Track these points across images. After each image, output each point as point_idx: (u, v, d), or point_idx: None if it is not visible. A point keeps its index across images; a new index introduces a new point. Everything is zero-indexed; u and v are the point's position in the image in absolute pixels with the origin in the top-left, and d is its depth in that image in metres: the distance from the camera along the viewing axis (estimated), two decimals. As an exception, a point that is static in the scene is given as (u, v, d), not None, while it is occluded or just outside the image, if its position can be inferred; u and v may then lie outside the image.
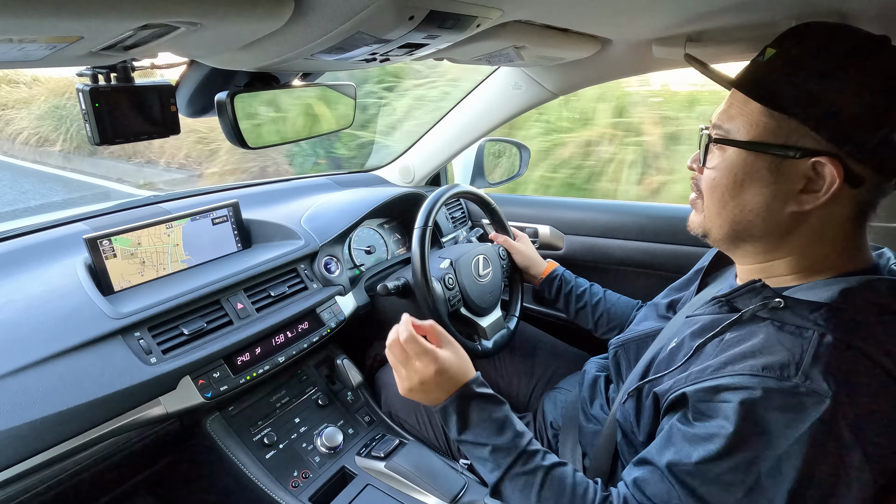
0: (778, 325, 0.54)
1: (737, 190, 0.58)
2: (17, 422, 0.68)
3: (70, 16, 0.37)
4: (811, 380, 0.48)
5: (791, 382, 0.48)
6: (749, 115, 0.56)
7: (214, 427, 0.95)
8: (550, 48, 0.88)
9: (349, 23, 0.54)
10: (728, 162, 0.58)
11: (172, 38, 0.49)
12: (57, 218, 1.06)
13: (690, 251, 1.26)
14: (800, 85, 0.52)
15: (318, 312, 1.10)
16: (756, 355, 0.52)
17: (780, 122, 0.54)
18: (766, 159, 0.55)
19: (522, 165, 1.62)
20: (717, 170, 0.60)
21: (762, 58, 0.56)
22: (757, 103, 0.55)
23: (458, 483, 0.90)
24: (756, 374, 0.50)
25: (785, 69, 0.54)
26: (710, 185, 0.61)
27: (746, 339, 0.55)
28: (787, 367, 0.49)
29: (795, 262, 0.59)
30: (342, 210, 1.29)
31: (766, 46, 0.56)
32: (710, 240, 0.65)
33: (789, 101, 0.53)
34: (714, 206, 0.61)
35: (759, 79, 0.56)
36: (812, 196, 0.54)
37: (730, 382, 0.51)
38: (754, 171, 0.57)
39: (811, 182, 0.54)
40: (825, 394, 0.47)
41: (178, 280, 0.98)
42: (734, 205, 0.59)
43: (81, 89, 0.64)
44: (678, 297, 0.84)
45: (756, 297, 0.59)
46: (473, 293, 1.14)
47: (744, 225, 0.60)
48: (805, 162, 0.53)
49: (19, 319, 0.78)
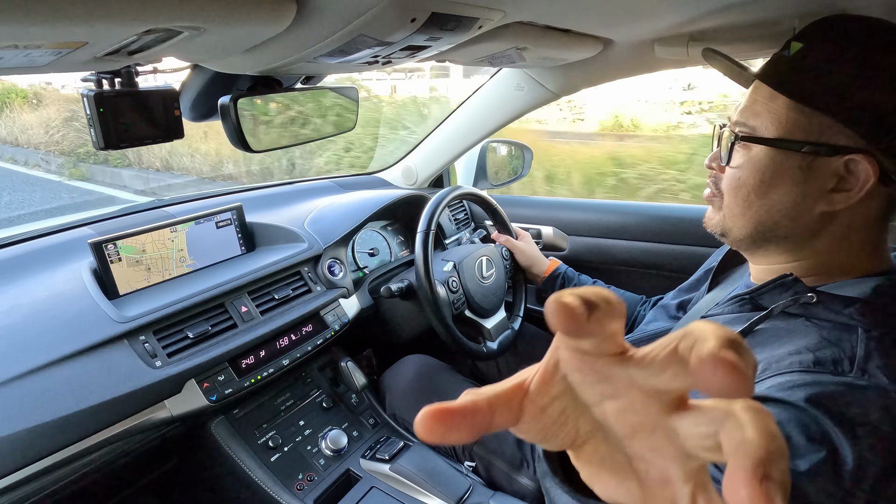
0: (814, 321, 0.52)
1: (764, 189, 0.56)
2: (23, 426, 0.68)
3: (74, 21, 0.38)
4: (869, 374, 0.45)
5: (848, 378, 0.45)
6: (777, 111, 0.53)
7: (219, 430, 0.95)
8: (552, 49, 0.88)
9: (351, 25, 0.54)
10: (755, 160, 0.56)
11: (176, 43, 0.49)
12: (62, 223, 1.06)
13: (695, 251, 1.26)
14: (831, 79, 0.50)
15: (322, 315, 1.10)
16: (802, 352, 0.49)
17: (811, 118, 0.51)
18: (796, 157, 0.53)
19: (525, 166, 1.62)
20: (743, 169, 0.57)
21: (787, 52, 0.53)
22: (785, 98, 0.53)
23: (463, 485, 0.89)
24: (808, 371, 0.47)
25: (815, 63, 0.51)
26: (735, 184, 0.58)
27: (780, 336, 0.52)
28: (840, 361, 0.46)
29: (819, 264, 0.57)
30: (345, 213, 1.29)
31: (789, 40, 0.54)
32: (729, 239, 0.62)
33: (820, 96, 0.50)
34: (738, 206, 0.58)
35: (786, 73, 0.53)
36: (843, 195, 0.52)
37: (780, 382, 0.47)
38: (784, 170, 0.54)
39: (842, 181, 0.51)
40: (888, 387, 0.44)
41: (182, 283, 0.98)
42: (760, 205, 0.56)
43: (86, 94, 0.64)
44: (688, 297, 0.83)
45: (786, 293, 0.56)
46: (477, 295, 1.14)
47: (769, 226, 0.57)
48: (838, 160, 0.51)
49: (25, 324, 0.78)
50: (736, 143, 0.57)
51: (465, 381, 1.11)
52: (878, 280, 0.53)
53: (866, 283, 0.53)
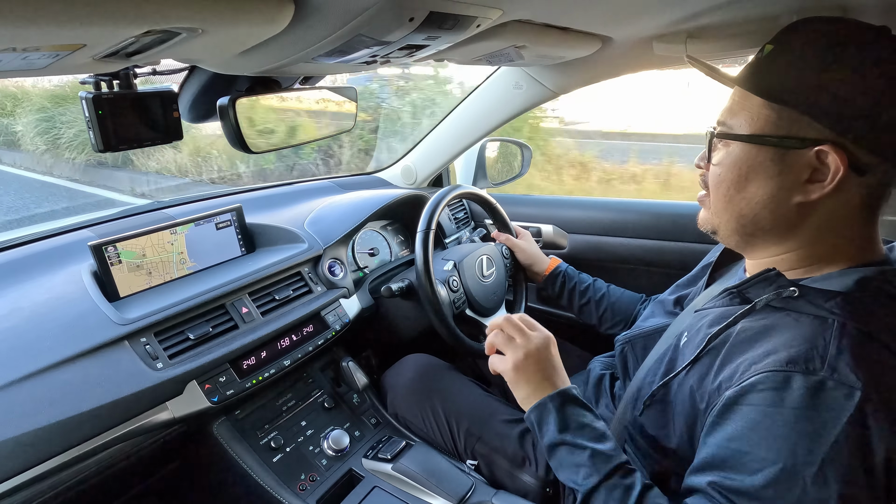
0: (794, 315, 0.54)
1: (742, 183, 0.59)
2: (25, 429, 0.68)
3: (73, 24, 0.37)
4: (839, 372, 0.47)
5: (818, 376, 0.47)
6: (751, 109, 0.57)
7: (221, 431, 0.95)
8: (551, 47, 0.88)
9: (349, 25, 0.54)
10: (732, 157, 0.59)
11: (174, 45, 0.49)
12: (61, 225, 1.06)
13: (695, 248, 1.26)
14: (798, 76, 0.53)
15: (323, 315, 1.10)
16: (779, 350, 0.51)
17: (781, 114, 0.54)
18: (769, 151, 0.56)
19: (524, 165, 1.62)
20: (722, 165, 0.60)
21: (762, 54, 0.57)
22: (758, 98, 0.56)
23: (466, 484, 0.89)
24: (780, 370, 0.49)
25: (783, 62, 0.54)
26: (716, 180, 0.61)
27: (763, 332, 0.54)
28: (812, 359, 0.49)
29: (806, 254, 0.59)
30: (345, 213, 1.29)
31: (766, 43, 0.57)
32: (720, 236, 0.65)
33: (789, 93, 0.53)
34: (720, 202, 0.62)
35: (758, 74, 0.57)
36: (818, 186, 0.54)
37: (755, 381, 0.50)
38: (758, 164, 0.57)
39: (816, 172, 0.54)
40: (855, 385, 0.46)
41: (183, 285, 0.98)
42: (739, 198, 0.59)
43: (84, 97, 0.64)
44: (685, 293, 0.84)
45: (769, 287, 0.58)
46: (478, 294, 1.14)
47: (750, 218, 0.60)
48: (808, 151, 0.53)
49: (26, 327, 0.78)
50: (714, 141, 0.61)
51: (466, 380, 1.11)
52: (863, 272, 0.54)
53: (850, 276, 0.54)
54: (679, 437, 0.62)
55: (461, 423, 1.01)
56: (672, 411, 0.63)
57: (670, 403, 0.63)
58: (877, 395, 0.46)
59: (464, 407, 1.03)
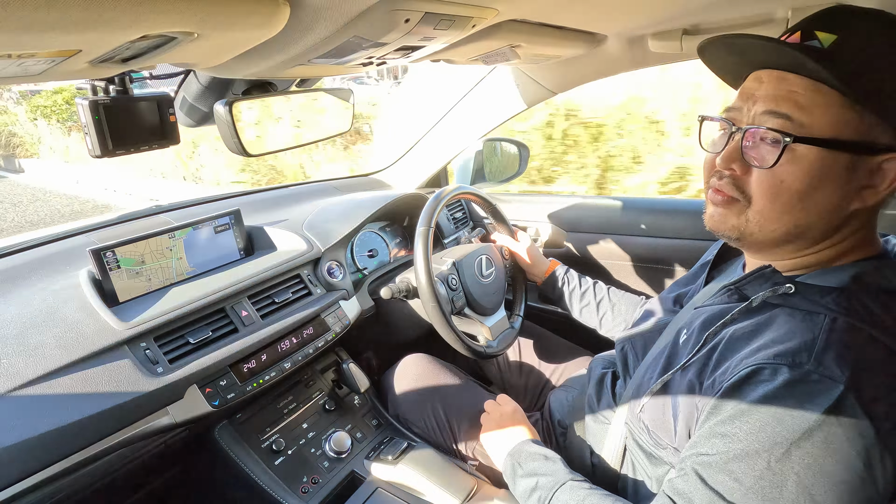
0: (789, 311, 0.54)
1: (809, 192, 0.51)
2: (26, 435, 0.68)
3: (68, 29, 0.37)
4: (824, 366, 0.47)
5: (803, 369, 0.48)
6: (826, 106, 0.50)
7: (223, 435, 0.95)
8: (546, 46, 0.88)
9: (345, 28, 0.54)
10: (805, 162, 0.51)
11: (170, 49, 0.49)
12: (60, 231, 1.06)
13: (693, 245, 1.26)
14: (879, 77, 0.48)
15: (323, 317, 1.10)
16: (769, 344, 0.51)
17: (863, 116, 0.49)
18: (845, 158, 0.50)
19: (522, 164, 1.62)
20: (787, 172, 0.52)
21: (818, 43, 0.50)
22: (834, 94, 0.49)
23: (468, 484, 0.90)
24: (767, 364, 0.50)
25: (861, 57, 0.49)
26: (775, 189, 0.53)
27: (758, 329, 0.54)
28: (800, 353, 0.49)
29: (826, 255, 0.57)
30: (344, 214, 1.29)
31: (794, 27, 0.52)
32: (745, 243, 0.59)
33: (870, 93, 0.48)
34: (774, 211, 0.54)
35: (834, 66, 0.48)
36: (871, 191, 0.51)
37: (745, 374, 0.51)
38: (832, 171, 0.50)
39: (870, 176, 0.51)
40: (838, 379, 0.46)
41: (182, 289, 0.98)
42: (801, 207, 0.53)
43: (80, 102, 0.64)
44: (684, 290, 0.84)
45: (766, 284, 0.58)
46: (477, 294, 1.14)
47: (803, 228, 0.54)
48: (876, 158, 0.50)
49: (25, 333, 0.78)
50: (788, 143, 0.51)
51: (466, 381, 1.11)
52: (862, 266, 0.54)
53: (847, 271, 0.54)
54: (679, 433, 0.62)
55: (462, 423, 1.01)
56: (672, 407, 0.63)
57: (670, 400, 0.63)
58: (860, 389, 0.46)
59: (464, 407, 1.03)
